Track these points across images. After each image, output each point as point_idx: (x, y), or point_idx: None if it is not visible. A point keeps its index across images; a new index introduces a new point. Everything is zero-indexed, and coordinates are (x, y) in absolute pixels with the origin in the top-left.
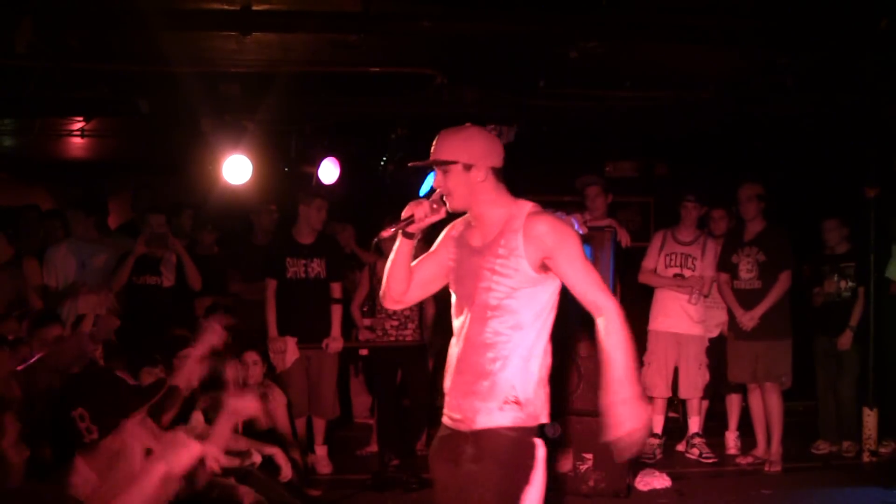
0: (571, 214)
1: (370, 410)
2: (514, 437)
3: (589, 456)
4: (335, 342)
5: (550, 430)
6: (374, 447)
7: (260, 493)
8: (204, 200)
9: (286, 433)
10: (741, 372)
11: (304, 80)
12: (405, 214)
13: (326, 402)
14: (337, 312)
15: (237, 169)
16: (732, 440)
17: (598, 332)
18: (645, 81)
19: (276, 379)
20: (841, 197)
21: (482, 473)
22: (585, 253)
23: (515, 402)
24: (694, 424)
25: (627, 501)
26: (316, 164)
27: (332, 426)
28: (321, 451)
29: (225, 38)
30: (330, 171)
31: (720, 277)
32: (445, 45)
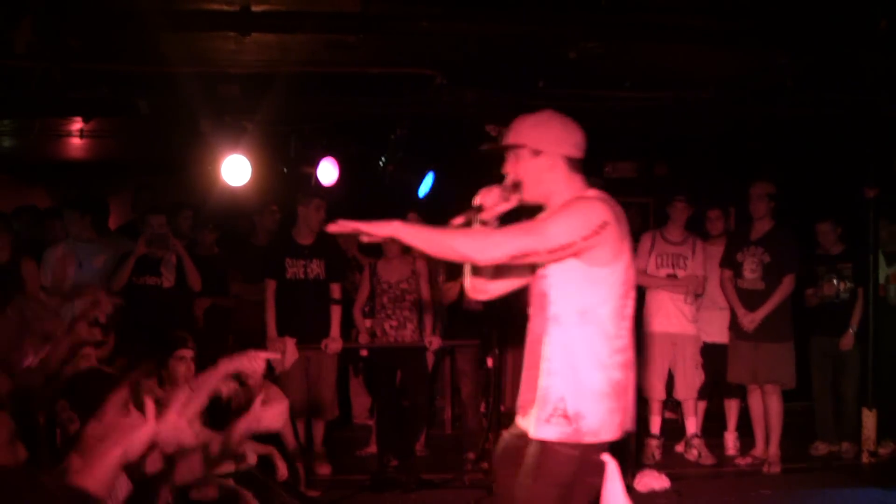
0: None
1: (369, 411)
2: (575, 455)
3: None
4: (334, 343)
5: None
6: (373, 448)
7: (259, 494)
8: (203, 201)
9: (287, 434)
10: (741, 372)
11: (303, 80)
12: (475, 202)
13: (326, 402)
14: (336, 313)
15: (236, 169)
16: (731, 441)
17: None
18: (644, 82)
19: (275, 380)
20: (840, 197)
21: (537, 491)
22: (560, 221)
23: (563, 415)
24: (692, 425)
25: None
26: (315, 164)
27: (331, 427)
28: (320, 451)
29: (224, 38)
30: (329, 171)
31: (723, 274)
32: (445, 45)
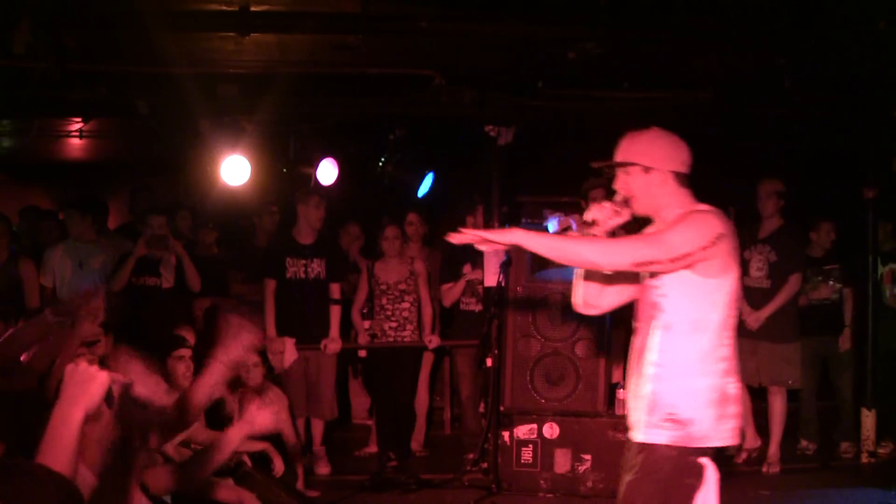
0: (570, 215)
1: (369, 411)
2: (673, 455)
3: (587, 457)
4: (333, 343)
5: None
6: (372, 448)
7: (258, 493)
8: (203, 201)
9: (289, 434)
10: (742, 371)
11: (302, 80)
12: (587, 218)
13: (325, 402)
14: (336, 313)
15: (236, 170)
16: None
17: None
18: (644, 82)
19: (274, 380)
20: (837, 198)
21: (639, 486)
22: (680, 232)
23: (675, 420)
24: None
25: None
26: (314, 164)
27: (330, 427)
28: (320, 451)
29: (223, 38)
30: (328, 171)
31: None
32: (444, 46)
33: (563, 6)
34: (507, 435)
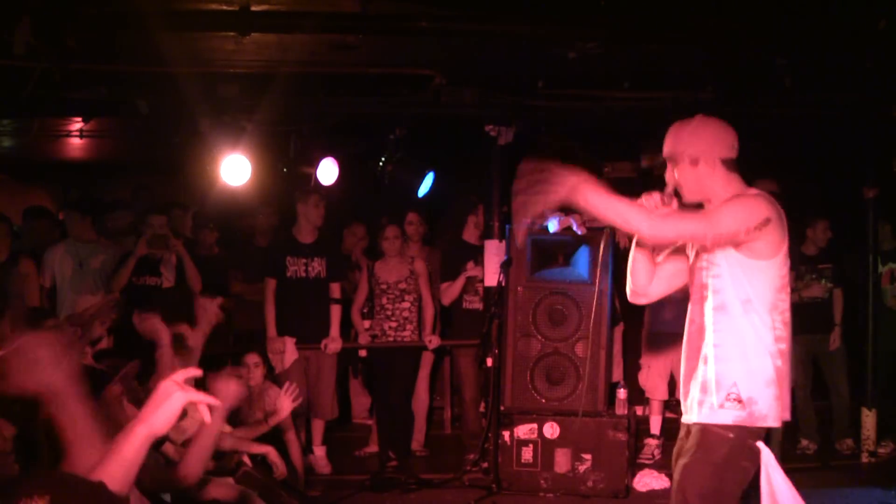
0: (570, 215)
1: (369, 411)
2: (731, 437)
3: (588, 456)
4: (334, 343)
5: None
6: (372, 448)
7: (259, 493)
8: (203, 201)
9: (288, 433)
10: None
11: (302, 80)
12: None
13: (325, 402)
14: (336, 313)
15: (236, 169)
16: None
17: None
18: (644, 82)
19: (274, 379)
20: (837, 197)
21: (693, 468)
22: (727, 212)
23: (737, 399)
24: None
25: (626, 502)
26: (314, 164)
27: (330, 427)
28: (320, 451)
29: (223, 38)
30: (329, 171)
31: None
32: (444, 46)
33: (563, 6)
34: (507, 435)
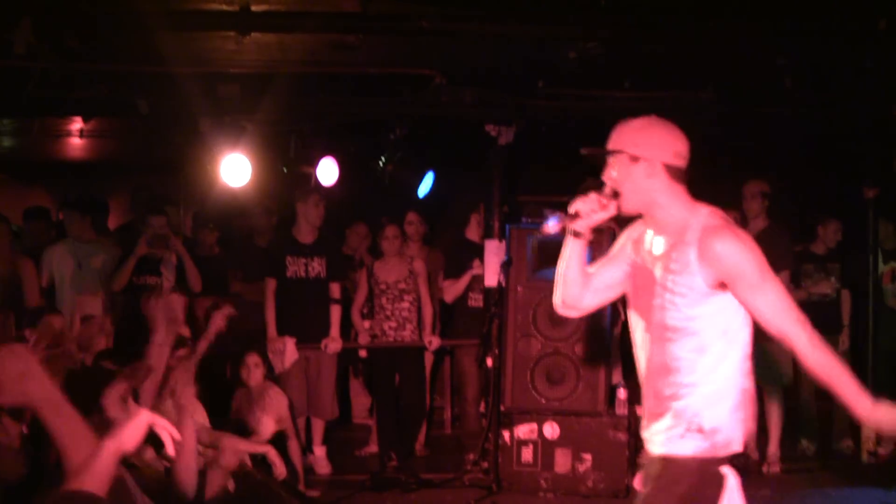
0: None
1: (369, 411)
2: (695, 467)
3: (588, 456)
4: (334, 343)
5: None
6: (373, 448)
7: (259, 493)
8: (203, 201)
9: (290, 434)
10: None
11: (302, 80)
12: (570, 210)
13: (325, 402)
14: (336, 313)
15: (236, 169)
16: None
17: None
18: (644, 82)
19: (275, 379)
20: (838, 197)
21: (656, 500)
22: (769, 271)
23: (699, 430)
24: None
25: (626, 502)
26: (314, 164)
27: (331, 427)
28: (320, 451)
29: (223, 38)
30: (329, 171)
31: None
32: (444, 45)
33: (563, 6)
34: (507, 435)
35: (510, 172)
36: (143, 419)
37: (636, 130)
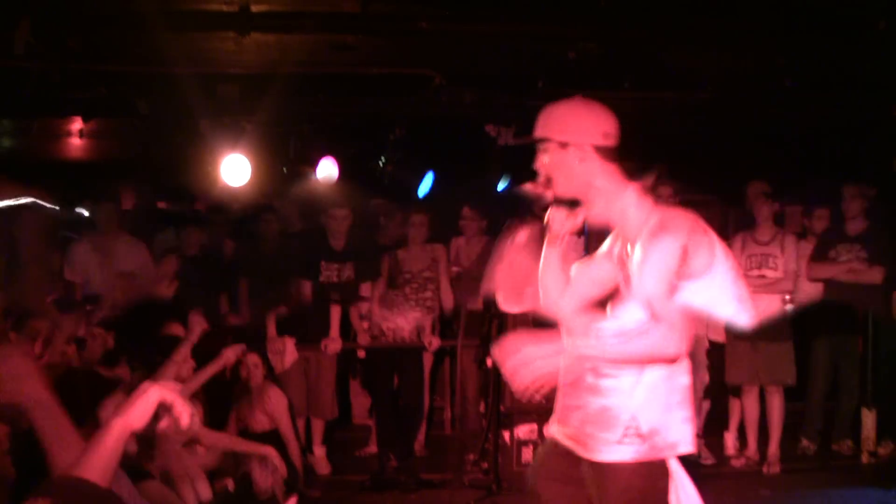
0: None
1: (369, 411)
2: (640, 471)
3: None
4: (333, 343)
5: None
6: (373, 448)
7: (259, 493)
8: (207, 200)
9: (289, 434)
10: (740, 372)
11: (302, 80)
12: (544, 221)
13: (325, 402)
14: (336, 313)
15: (236, 169)
16: (731, 441)
17: None
18: (644, 82)
19: (274, 380)
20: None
21: None
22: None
23: (637, 434)
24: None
25: None
26: (314, 164)
27: (330, 427)
28: (320, 451)
29: (223, 38)
30: (328, 170)
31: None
32: (444, 46)
33: (563, 6)
34: (507, 435)
35: (510, 172)
36: (152, 395)
37: (561, 116)
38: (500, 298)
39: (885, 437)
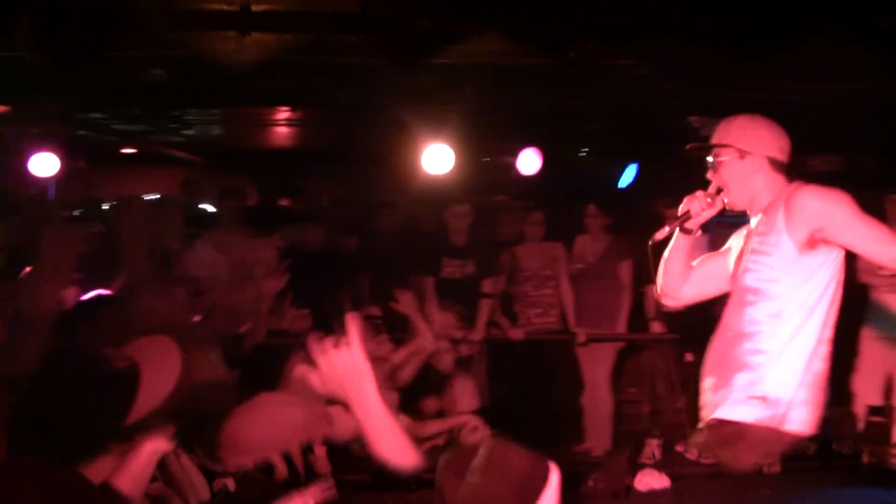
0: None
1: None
2: (755, 431)
3: None
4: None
5: None
6: None
7: (259, 493)
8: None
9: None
10: None
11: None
12: (681, 210)
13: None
14: (486, 306)
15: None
16: None
17: None
18: (644, 81)
19: None
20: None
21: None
22: (858, 210)
23: (762, 398)
24: None
25: (626, 502)
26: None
27: None
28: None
29: (223, 38)
30: (530, 161)
31: None
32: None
33: (563, 5)
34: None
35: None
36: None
37: (743, 127)
38: (657, 291)
39: None
